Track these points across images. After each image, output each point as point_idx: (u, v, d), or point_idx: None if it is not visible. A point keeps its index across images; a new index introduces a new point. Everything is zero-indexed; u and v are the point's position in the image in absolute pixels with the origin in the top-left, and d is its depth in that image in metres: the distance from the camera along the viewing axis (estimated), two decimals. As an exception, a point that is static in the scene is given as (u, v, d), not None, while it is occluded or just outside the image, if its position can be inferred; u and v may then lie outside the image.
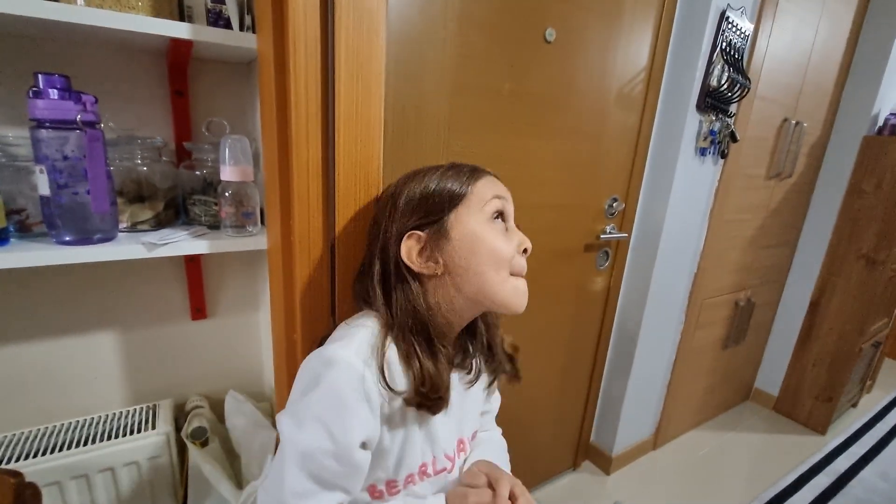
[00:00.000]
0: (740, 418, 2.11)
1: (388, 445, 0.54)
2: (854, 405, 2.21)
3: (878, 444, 1.97)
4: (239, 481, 0.92)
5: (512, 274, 0.55)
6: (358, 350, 0.51)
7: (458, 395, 0.61)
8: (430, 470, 0.59)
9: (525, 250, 0.56)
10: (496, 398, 0.76)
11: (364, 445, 0.51)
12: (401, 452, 0.56)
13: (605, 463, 1.69)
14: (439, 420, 0.58)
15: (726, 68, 1.31)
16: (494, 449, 0.72)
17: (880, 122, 1.80)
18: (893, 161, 1.71)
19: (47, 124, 0.64)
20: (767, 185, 1.71)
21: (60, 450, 0.85)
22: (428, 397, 0.52)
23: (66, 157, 0.68)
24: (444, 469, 0.61)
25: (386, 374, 0.50)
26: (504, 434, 0.79)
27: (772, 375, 2.18)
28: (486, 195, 0.54)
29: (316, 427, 0.48)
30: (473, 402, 0.67)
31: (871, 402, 2.29)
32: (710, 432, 1.99)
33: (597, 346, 1.55)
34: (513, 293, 0.55)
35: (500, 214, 0.56)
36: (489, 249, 0.53)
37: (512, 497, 0.57)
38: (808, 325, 2.02)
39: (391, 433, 0.54)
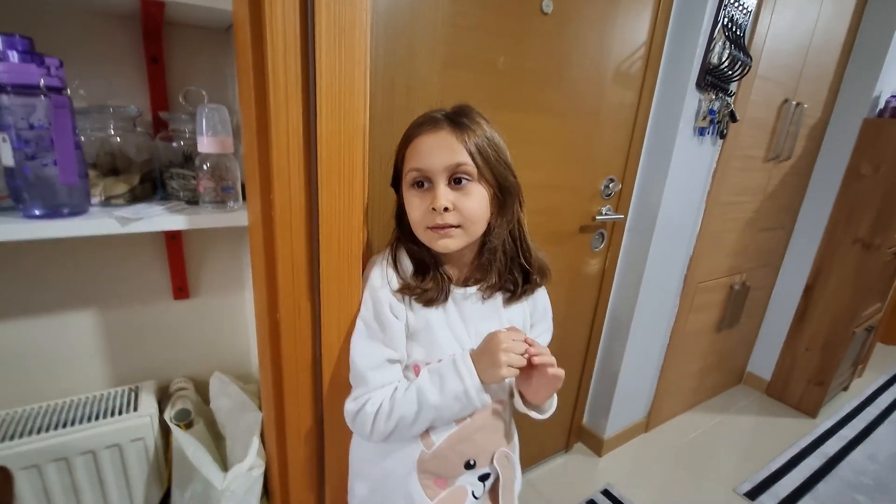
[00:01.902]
0: (732, 401, 2.12)
1: (415, 326, 0.68)
2: (845, 388, 2.23)
3: (868, 426, 1.98)
4: (224, 463, 0.91)
5: (428, 227, 0.64)
6: (381, 278, 0.68)
7: (474, 305, 0.71)
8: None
9: (433, 209, 0.62)
10: (545, 334, 0.82)
11: (391, 307, 0.67)
12: (432, 338, 0.68)
13: (596, 445, 1.69)
14: (458, 323, 0.70)
15: (727, 45, 1.27)
16: None
17: (881, 105, 1.77)
18: (892, 144, 1.69)
19: (8, 89, 0.60)
20: (766, 167, 1.69)
21: (38, 433, 0.82)
22: (419, 287, 0.66)
23: (31, 126, 0.65)
24: None
25: (399, 269, 0.68)
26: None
27: (764, 359, 2.19)
28: (407, 167, 0.64)
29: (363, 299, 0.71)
30: (501, 317, 0.73)
31: (861, 386, 2.30)
32: (702, 415, 2.00)
33: (591, 329, 1.54)
34: (429, 240, 0.65)
35: (418, 181, 0.63)
36: (409, 212, 0.66)
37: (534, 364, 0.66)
38: (803, 310, 2.02)
39: (415, 316, 0.68)
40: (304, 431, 0.79)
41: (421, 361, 0.69)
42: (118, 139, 0.73)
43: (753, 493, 1.56)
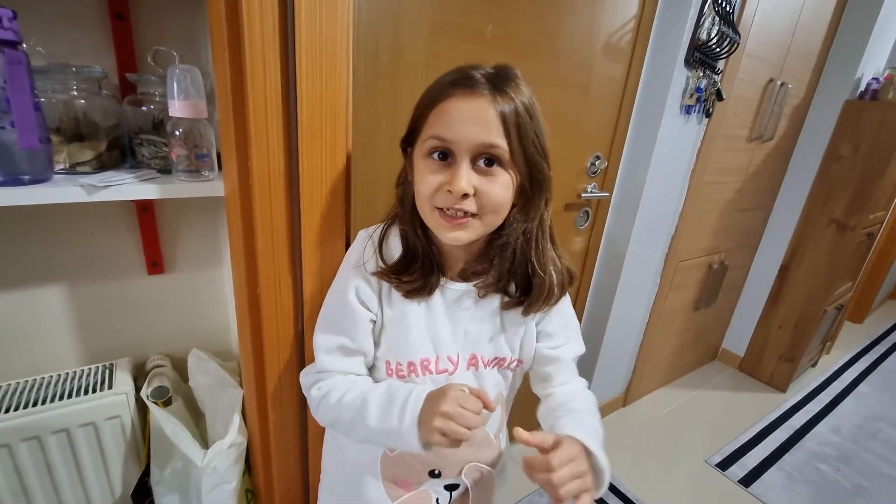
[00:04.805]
0: (707, 377, 2.19)
1: (388, 318, 0.61)
2: (813, 364, 2.32)
3: (833, 401, 2.08)
4: (204, 440, 0.89)
5: (437, 208, 0.55)
6: (358, 254, 0.61)
7: (467, 303, 0.62)
8: (432, 367, 0.63)
9: (450, 191, 0.52)
10: (566, 345, 0.69)
11: (358, 292, 0.60)
12: (404, 336, 0.61)
13: (577, 420, 1.72)
14: (443, 324, 0.62)
15: (717, 21, 1.25)
16: (579, 416, 0.63)
17: (862, 87, 1.80)
18: (871, 126, 1.72)
19: (-45, 42, 0.55)
20: (748, 147, 1.70)
21: (8, 411, 0.79)
22: (397, 278, 0.58)
23: (-17, 85, 0.60)
24: (446, 370, 0.63)
25: (383, 249, 0.60)
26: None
27: (739, 336, 2.25)
28: (427, 133, 0.54)
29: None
30: (497, 323, 0.64)
31: (829, 362, 2.40)
32: (677, 390, 2.06)
33: (572, 306, 1.55)
34: (435, 225, 0.56)
35: (438, 151, 0.53)
36: (416, 184, 0.56)
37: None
38: (777, 289, 2.07)
39: (391, 308, 0.61)
40: (286, 407, 0.78)
41: (392, 359, 0.63)
42: (83, 101, 0.68)
43: (724, 464, 1.62)
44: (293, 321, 0.72)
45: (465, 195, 0.52)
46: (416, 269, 0.59)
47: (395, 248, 0.61)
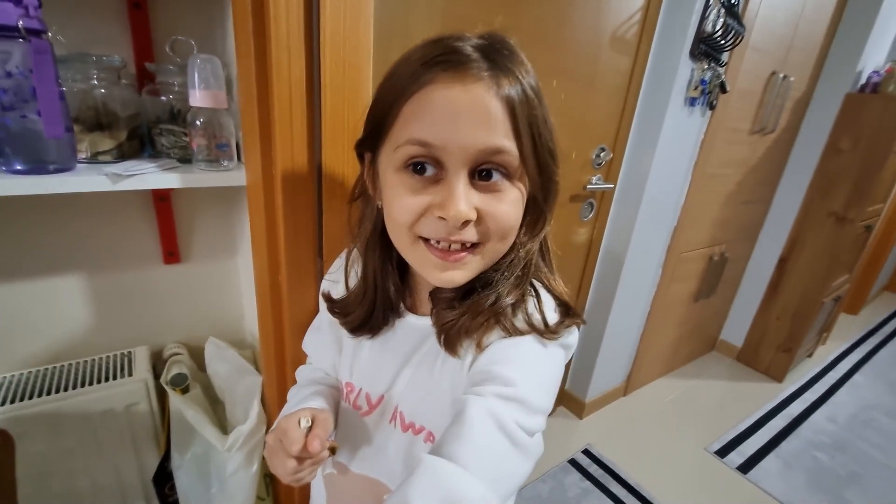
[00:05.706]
0: (705, 367, 2.23)
1: (341, 339, 0.57)
2: (810, 355, 2.36)
3: (829, 390, 2.12)
4: (223, 427, 0.91)
5: (421, 237, 0.41)
6: (338, 262, 0.58)
7: (412, 347, 0.50)
8: (351, 396, 0.55)
9: (441, 217, 0.38)
10: (471, 420, 0.37)
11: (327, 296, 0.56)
12: (343, 359, 0.57)
13: (578, 408, 1.76)
14: (373, 356, 0.53)
15: (722, 13, 1.27)
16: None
17: (863, 80, 1.81)
18: (872, 119, 1.74)
19: (-18, 31, 0.56)
20: (751, 139, 1.72)
21: (30, 398, 0.80)
22: (339, 312, 0.52)
23: (9, 74, 0.60)
24: (360, 408, 0.55)
25: (348, 277, 0.53)
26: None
27: (737, 327, 2.29)
28: (401, 136, 0.39)
29: None
30: (426, 364, 0.48)
31: (825, 353, 2.44)
32: (676, 380, 2.10)
33: (576, 299, 1.57)
34: (420, 263, 0.42)
35: (418, 162, 0.39)
36: (388, 206, 0.42)
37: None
38: (776, 280, 2.10)
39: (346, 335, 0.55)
40: (304, 393, 0.80)
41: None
42: (102, 91, 0.69)
43: (723, 452, 1.66)
44: (314, 309, 0.74)
45: (466, 222, 0.38)
46: (357, 308, 0.50)
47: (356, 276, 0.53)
